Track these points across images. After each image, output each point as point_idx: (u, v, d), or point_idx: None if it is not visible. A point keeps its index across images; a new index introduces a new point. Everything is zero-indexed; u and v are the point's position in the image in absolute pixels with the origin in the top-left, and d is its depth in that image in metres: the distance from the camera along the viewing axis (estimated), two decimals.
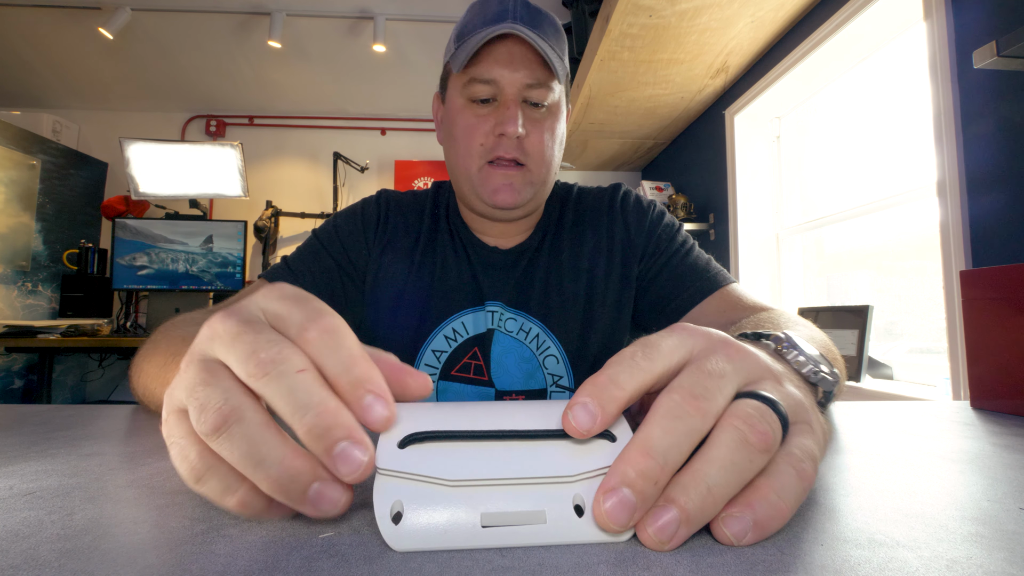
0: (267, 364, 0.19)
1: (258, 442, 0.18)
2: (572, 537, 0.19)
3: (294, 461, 0.18)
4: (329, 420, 0.18)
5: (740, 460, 0.18)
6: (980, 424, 0.41)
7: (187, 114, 3.14)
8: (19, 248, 2.46)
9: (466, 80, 0.60)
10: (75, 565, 0.17)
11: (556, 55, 0.60)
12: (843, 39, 1.50)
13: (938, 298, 1.31)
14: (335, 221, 0.70)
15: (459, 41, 0.61)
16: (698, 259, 0.66)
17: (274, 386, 0.19)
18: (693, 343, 0.22)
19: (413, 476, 0.19)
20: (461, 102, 0.62)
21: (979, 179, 1.06)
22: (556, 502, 0.19)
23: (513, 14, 0.58)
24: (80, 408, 0.47)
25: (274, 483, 0.18)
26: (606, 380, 0.20)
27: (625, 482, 0.18)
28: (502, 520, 0.19)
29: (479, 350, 0.65)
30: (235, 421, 0.18)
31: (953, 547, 0.18)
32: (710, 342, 0.22)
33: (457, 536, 0.18)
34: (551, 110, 0.62)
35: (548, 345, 0.65)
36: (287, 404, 0.18)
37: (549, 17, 0.62)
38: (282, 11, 2.43)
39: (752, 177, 2.04)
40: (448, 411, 0.21)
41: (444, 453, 0.19)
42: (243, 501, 0.19)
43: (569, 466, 0.19)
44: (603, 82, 2.00)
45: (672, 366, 0.21)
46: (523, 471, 0.19)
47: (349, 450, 0.18)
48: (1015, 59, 0.83)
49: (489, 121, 0.60)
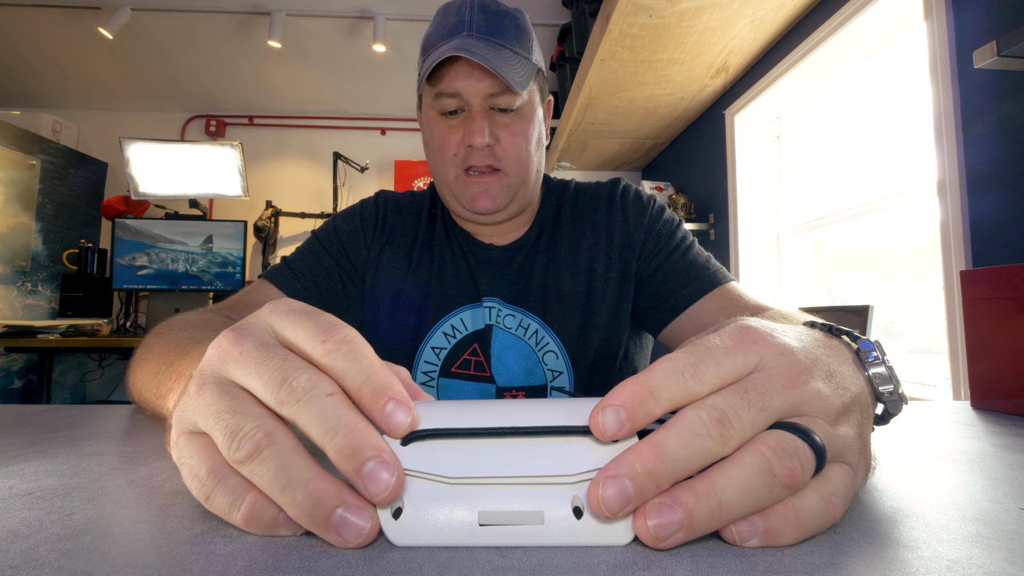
0: (299, 391, 0.19)
1: (287, 465, 0.19)
2: (570, 539, 0.18)
3: (320, 483, 0.18)
4: (358, 440, 0.18)
5: (759, 487, 0.18)
6: (980, 424, 0.41)
7: (187, 114, 3.14)
8: (19, 248, 2.46)
9: (434, 94, 0.61)
10: (75, 565, 0.17)
11: (520, 57, 0.60)
12: (843, 39, 1.50)
13: (938, 298, 1.31)
14: (334, 222, 0.71)
15: (424, 54, 0.62)
16: (698, 256, 0.66)
17: (306, 411, 0.19)
18: (758, 359, 0.20)
19: (414, 473, 0.19)
20: (433, 114, 0.63)
21: (979, 179, 1.06)
22: (555, 503, 0.19)
23: (469, 24, 0.59)
24: (80, 408, 0.47)
25: (300, 506, 0.18)
26: (647, 392, 0.19)
27: (629, 474, 0.18)
28: (499, 519, 0.19)
29: (479, 346, 0.65)
30: (267, 445, 0.19)
31: (953, 547, 0.18)
32: (776, 364, 0.20)
33: (454, 534, 0.18)
34: (521, 112, 0.62)
35: (547, 341, 0.65)
36: (318, 426, 0.19)
37: (510, 16, 0.62)
38: (282, 11, 2.43)
39: (752, 177, 2.04)
40: (454, 409, 0.21)
41: (445, 451, 0.20)
42: (247, 515, 0.19)
43: (569, 465, 0.19)
44: (603, 82, 2.00)
45: (724, 385, 0.20)
46: (522, 470, 0.19)
47: (377, 470, 0.18)
48: (1015, 59, 0.83)
49: (459, 132, 0.61)
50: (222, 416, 0.20)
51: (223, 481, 0.20)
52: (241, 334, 0.21)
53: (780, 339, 0.21)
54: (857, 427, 0.22)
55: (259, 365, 0.20)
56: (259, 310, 0.23)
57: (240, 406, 0.20)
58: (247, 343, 0.21)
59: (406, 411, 0.20)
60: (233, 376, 0.21)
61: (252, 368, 0.20)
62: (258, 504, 0.19)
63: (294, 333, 0.21)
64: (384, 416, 0.20)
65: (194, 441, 0.21)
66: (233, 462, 0.19)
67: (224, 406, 0.20)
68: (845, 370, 0.23)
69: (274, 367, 0.20)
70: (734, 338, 0.21)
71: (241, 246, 2.56)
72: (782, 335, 0.22)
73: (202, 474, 0.20)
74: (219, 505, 0.20)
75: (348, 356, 0.20)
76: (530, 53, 0.62)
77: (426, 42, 0.63)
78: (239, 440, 0.19)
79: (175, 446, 0.22)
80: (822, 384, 0.21)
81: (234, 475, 0.20)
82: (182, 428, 0.21)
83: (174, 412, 0.22)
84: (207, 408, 0.20)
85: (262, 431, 0.19)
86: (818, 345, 0.23)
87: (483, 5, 0.61)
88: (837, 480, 0.20)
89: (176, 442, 0.22)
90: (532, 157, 0.64)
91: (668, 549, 0.18)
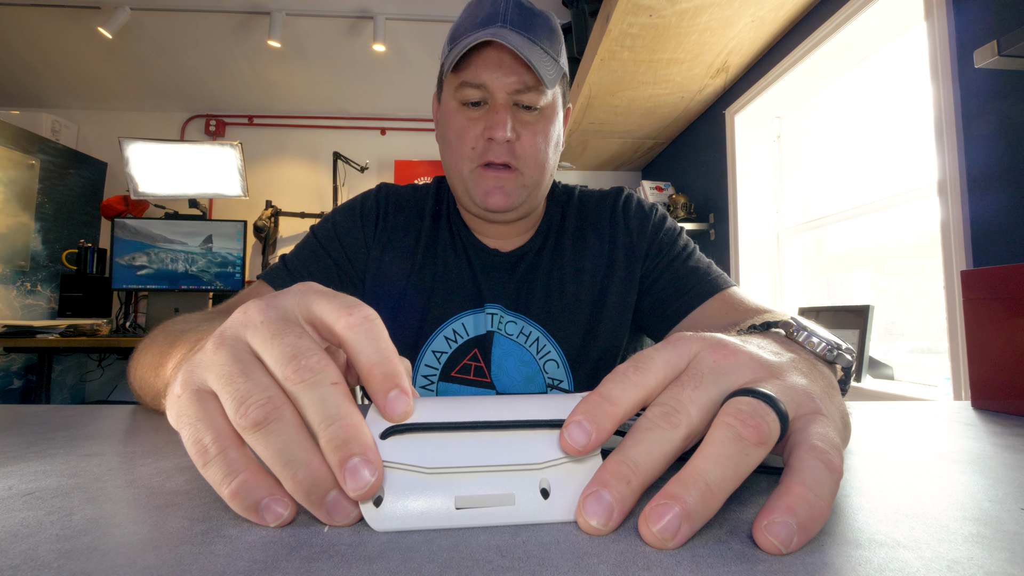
0: (306, 371, 0.20)
1: (293, 442, 0.19)
2: (539, 517, 0.20)
3: (321, 466, 0.19)
4: (350, 434, 0.19)
5: (735, 454, 0.19)
6: (981, 424, 0.41)
7: (187, 114, 3.14)
8: (18, 248, 2.46)
9: (457, 83, 0.60)
10: (74, 566, 0.17)
11: (550, 57, 0.59)
12: (843, 39, 1.50)
13: (938, 298, 1.31)
14: (334, 218, 0.69)
15: (452, 43, 0.61)
16: (699, 262, 0.66)
17: (309, 393, 0.20)
18: (688, 351, 0.23)
19: (393, 465, 0.21)
20: (454, 105, 0.61)
21: (980, 179, 1.06)
22: (524, 486, 0.21)
23: (504, 16, 0.58)
24: (79, 408, 0.47)
25: (299, 483, 0.19)
26: (599, 397, 0.21)
27: (601, 484, 0.19)
28: (474, 503, 0.20)
29: (479, 352, 0.65)
30: (275, 419, 0.19)
31: (954, 547, 0.18)
32: (704, 348, 0.23)
33: (432, 517, 0.20)
34: (544, 113, 0.61)
35: (548, 349, 0.65)
36: (317, 411, 0.20)
37: (543, 16, 0.61)
38: (282, 11, 2.43)
39: (752, 177, 2.04)
40: (431, 405, 0.23)
41: (422, 444, 0.21)
42: (235, 491, 0.20)
43: (537, 454, 0.21)
44: (603, 82, 2.00)
45: (666, 378, 0.22)
46: (494, 459, 0.21)
47: (360, 467, 0.19)
48: (1016, 58, 0.83)
49: (480, 124, 0.60)
50: (235, 379, 0.20)
51: (224, 453, 0.20)
52: (269, 304, 0.22)
53: (711, 334, 0.24)
54: (804, 376, 0.24)
55: (275, 337, 0.21)
56: (291, 287, 0.24)
57: (253, 372, 0.20)
58: (271, 313, 0.22)
59: (406, 402, 0.21)
60: (249, 340, 0.22)
61: (268, 338, 0.21)
62: (249, 483, 0.20)
63: (320, 307, 0.22)
64: (386, 401, 0.21)
65: (201, 401, 0.21)
66: (238, 427, 0.20)
67: (238, 370, 0.20)
68: (777, 346, 0.26)
69: (288, 342, 0.21)
70: (668, 339, 0.24)
71: (241, 246, 2.55)
72: (714, 333, 0.24)
73: (206, 441, 0.20)
74: (212, 475, 0.20)
75: (369, 334, 0.22)
76: (559, 56, 0.62)
77: (455, 31, 0.61)
78: (247, 406, 0.19)
79: (178, 400, 0.21)
80: (753, 349, 0.24)
81: (235, 449, 0.20)
82: (190, 384, 0.21)
83: (183, 366, 0.22)
84: (220, 368, 0.21)
85: (271, 403, 0.20)
86: (751, 335, 0.28)
87: (518, 1, 0.60)
88: (819, 433, 0.21)
89: (180, 397, 0.21)
90: (549, 159, 0.63)
91: (678, 547, 0.18)
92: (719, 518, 0.21)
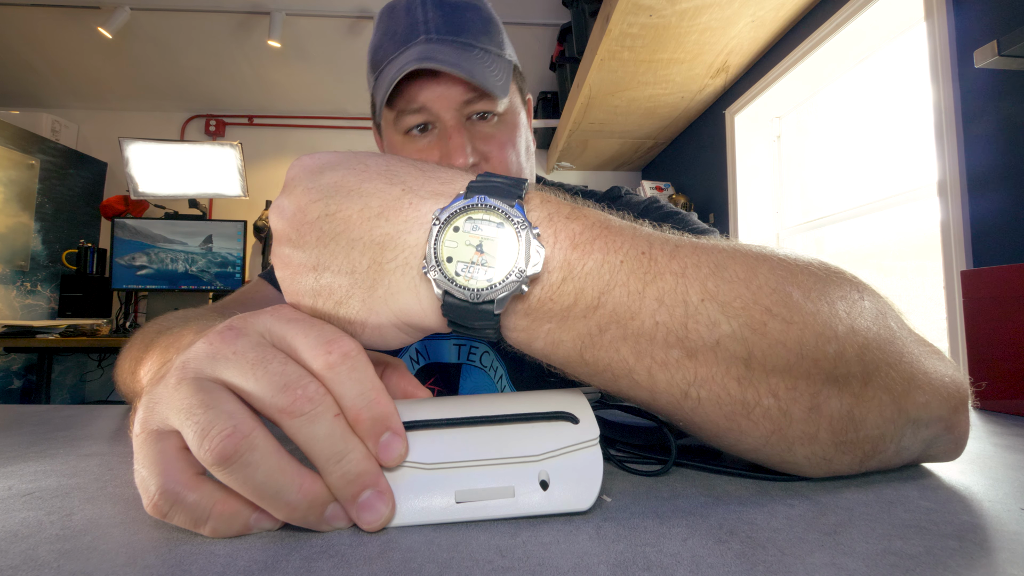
0: (304, 402, 0.19)
1: (275, 471, 0.18)
2: (539, 509, 0.20)
3: (312, 486, 0.19)
4: (360, 467, 0.19)
5: (324, 432, 0.19)
6: (981, 424, 0.41)
7: (186, 114, 3.13)
8: (18, 248, 2.46)
9: (395, 114, 0.51)
10: (74, 565, 0.17)
11: (492, 55, 0.51)
12: (843, 39, 1.50)
13: (938, 298, 1.31)
14: None
15: (375, 70, 0.53)
16: (697, 230, 0.59)
17: (310, 428, 0.19)
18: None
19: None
20: (398, 138, 0.53)
21: (980, 179, 1.06)
22: (523, 478, 0.21)
23: (425, 25, 0.49)
24: (79, 408, 0.47)
25: (293, 510, 0.19)
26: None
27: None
28: (474, 496, 0.20)
29: (440, 379, 0.59)
30: (247, 449, 0.18)
31: (954, 547, 0.18)
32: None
33: (433, 512, 0.20)
34: (505, 119, 0.53)
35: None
36: (325, 448, 0.19)
37: (471, 7, 0.52)
38: (282, 11, 2.43)
39: (752, 177, 2.04)
40: (431, 404, 0.23)
41: (421, 440, 0.21)
42: (216, 529, 0.19)
43: (535, 446, 0.21)
44: (603, 82, 1.99)
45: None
46: (493, 452, 0.21)
47: (373, 501, 0.19)
48: (1016, 58, 0.83)
49: (434, 152, 0.51)
50: (194, 411, 0.18)
51: (180, 502, 0.18)
52: (236, 333, 0.20)
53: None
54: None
55: (256, 367, 0.19)
56: (258, 313, 0.22)
57: (215, 402, 0.18)
58: (241, 343, 0.20)
59: (400, 444, 0.20)
60: (222, 375, 0.19)
61: (248, 369, 0.19)
62: (226, 515, 0.19)
63: (295, 339, 0.21)
64: (379, 446, 0.20)
65: (155, 444, 0.19)
66: (204, 463, 0.18)
67: (198, 401, 0.18)
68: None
69: (274, 370, 0.19)
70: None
71: (241, 246, 2.55)
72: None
73: (152, 491, 0.18)
74: (181, 523, 0.19)
75: (352, 374, 0.20)
76: (502, 48, 0.53)
77: (374, 55, 0.52)
78: (210, 439, 0.18)
79: (135, 439, 0.20)
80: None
81: (191, 492, 0.18)
82: (149, 424, 0.20)
83: (144, 397, 0.20)
84: (180, 403, 0.19)
85: (239, 432, 0.18)
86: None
87: (437, 0, 0.50)
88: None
89: (138, 436, 0.20)
90: (524, 169, 0.55)
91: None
92: (719, 518, 0.21)
